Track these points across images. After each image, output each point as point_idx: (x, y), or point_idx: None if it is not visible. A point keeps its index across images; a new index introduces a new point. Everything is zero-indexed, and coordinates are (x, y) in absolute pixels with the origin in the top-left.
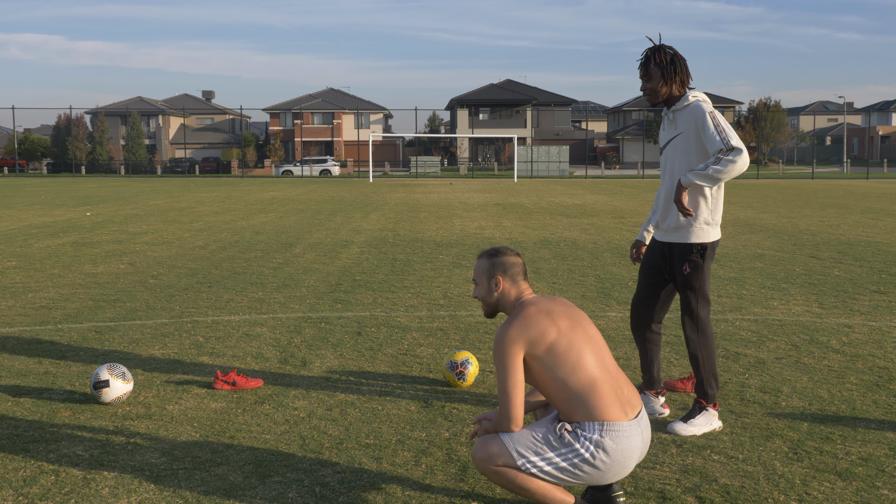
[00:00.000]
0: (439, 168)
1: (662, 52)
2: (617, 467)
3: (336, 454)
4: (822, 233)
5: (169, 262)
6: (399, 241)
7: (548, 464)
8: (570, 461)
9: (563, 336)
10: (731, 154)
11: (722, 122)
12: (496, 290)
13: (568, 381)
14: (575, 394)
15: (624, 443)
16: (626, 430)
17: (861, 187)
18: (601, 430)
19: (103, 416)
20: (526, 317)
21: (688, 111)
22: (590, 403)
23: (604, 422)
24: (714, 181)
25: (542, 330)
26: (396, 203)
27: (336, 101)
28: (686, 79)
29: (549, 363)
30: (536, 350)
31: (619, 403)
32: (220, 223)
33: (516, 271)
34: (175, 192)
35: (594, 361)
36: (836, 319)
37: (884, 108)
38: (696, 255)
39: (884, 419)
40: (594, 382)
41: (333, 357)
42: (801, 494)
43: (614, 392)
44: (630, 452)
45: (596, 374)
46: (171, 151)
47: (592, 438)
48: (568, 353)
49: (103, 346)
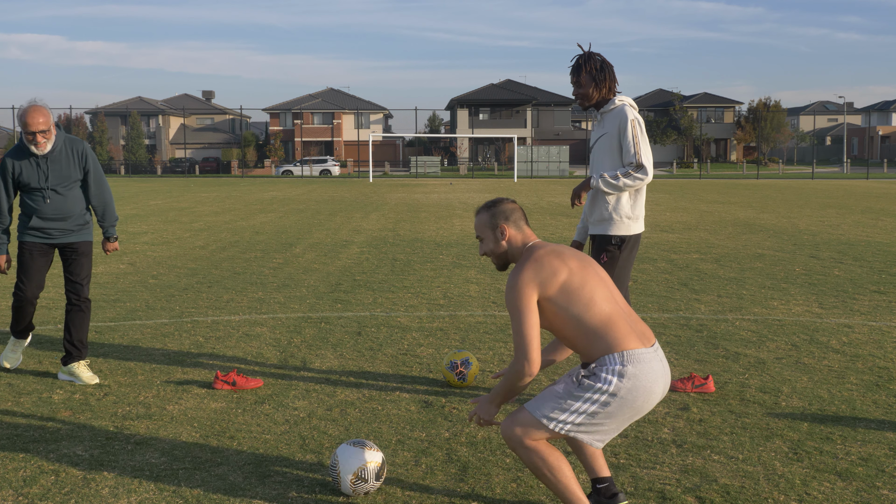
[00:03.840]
0: (439, 168)
1: (593, 60)
2: (643, 395)
3: None
4: (822, 233)
5: (169, 262)
6: (399, 241)
7: (577, 415)
8: (597, 402)
9: (575, 274)
10: (640, 171)
11: (639, 134)
12: (502, 238)
13: (583, 317)
14: (592, 330)
15: (646, 367)
16: (646, 356)
17: (861, 187)
18: (622, 360)
19: (103, 416)
20: (536, 259)
21: (614, 113)
22: (608, 336)
23: (623, 351)
24: (620, 191)
25: (553, 269)
26: (396, 203)
27: (336, 101)
28: (613, 84)
29: (562, 302)
30: (549, 290)
31: (635, 334)
32: (220, 223)
33: (517, 216)
34: (175, 192)
35: (607, 297)
36: (836, 319)
37: (884, 108)
38: (613, 246)
39: (884, 419)
40: (610, 316)
41: (333, 357)
42: (801, 494)
43: (629, 325)
44: (654, 377)
45: (610, 309)
46: (171, 151)
47: (614, 370)
48: (581, 290)
49: (103, 345)
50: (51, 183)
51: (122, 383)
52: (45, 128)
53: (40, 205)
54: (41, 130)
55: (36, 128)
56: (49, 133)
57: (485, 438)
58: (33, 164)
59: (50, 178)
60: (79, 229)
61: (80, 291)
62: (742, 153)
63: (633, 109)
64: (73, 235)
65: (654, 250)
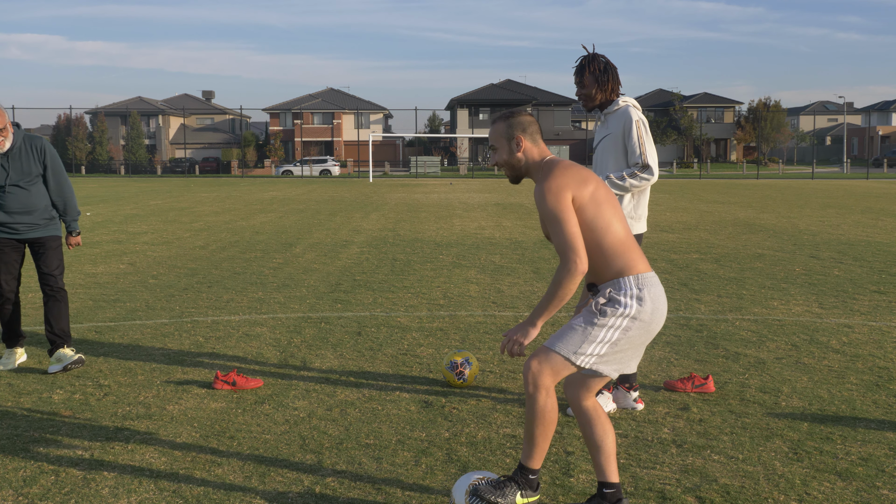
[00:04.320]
0: (439, 168)
1: (597, 61)
2: (657, 316)
3: (336, 454)
4: (822, 233)
5: (169, 262)
6: (399, 241)
7: (602, 345)
8: (620, 328)
9: (600, 189)
10: (646, 172)
11: (644, 135)
12: (518, 150)
13: (605, 234)
14: (610, 248)
15: (656, 290)
16: (654, 279)
17: (861, 187)
18: (637, 284)
19: (103, 416)
20: (564, 166)
21: (618, 114)
22: (624, 258)
23: (638, 275)
24: (626, 191)
25: (584, 177)
26: (396, 203)
27: (336, 101)
28: (616, 86)
29: (590, 213)
30: (583, 193)
31: (642, 259)
32: (220, 223)
33: (534, 129)
34: (175, 192)
35: (622, 220)
36: (836, 319)
37: (884, 108)
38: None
39: (884, 419)
40: (626, 239)
41: (333, 357)
42: (801, 494)
43: (640, 252)
44: (663, 299)
45: (623, 232)
46: (171, 151)
47: (632, 294)
48: (605, 205)
49: (103, 345)
50: (12, 179)
51: (122, 383)
52: (2, 125)
53: (4, 200)
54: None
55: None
56: (6, 131)
57: (485, 438)
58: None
59: (11, 175)
60: (45, 223)
61: (54, 283)
62: (742, 153)
63: (637, 110)
64: (40, 230)
65: (654, 250)
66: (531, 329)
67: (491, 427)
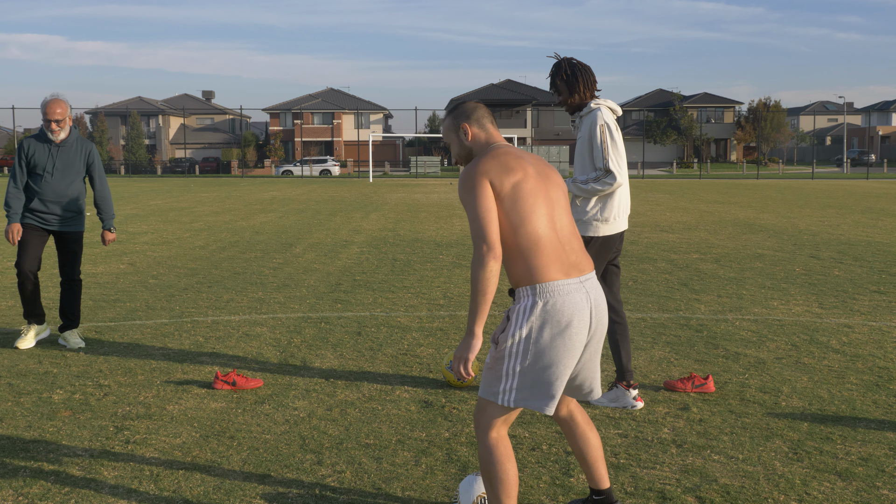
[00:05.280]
0: (439, 168)
1: (564, 67)
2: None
3: (336, 454)
4: (822, 233)
5: (169, 262)
6: (399, 241)
7: (514, 378)
8: (518, 355)
9: (529, 180)
10: (608, 177)
11: (608, 139)
12: (466, 139)
13: (517, 231)
14: (517, 248)
15: (561, 299)
16: (564, 288)
17: (861, 187)
18: (534, 293)
19: (103, 416)
20: (495, 154)
21: (588, 118)
22: (529, 261)
23: (537, 284)
24: (590, 195)
25: (509, 166)
26: (396, 203)
27: (336, 101)
28: (587, 88)
29: (508, 205)
30: (504, 182)
31: (559, 264)
32: (220, 223)
33: (480, 114)
34: (175, 192)
35: (546, 217)
36: (836, 319)
37: (884, 108)
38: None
39: (884, 419)
40: (538, 240)
41: (333, 357)
42: (801, 494)
43: (557, 254)
44: (572, 310)
45: (542, 232)
46: (171, 151)
47: (526, 307)
48: (526, 199)
49: (103, 345)
50: (56, 168)
51: (122, 383)
52: (62, 118)
53: (40, 185)
54: (57, 119)
55: (53, 116)
56: (64, 123)
57: None
58: (46, 149)
59: (56, 164)
60: (72, 218)
61: (71, 273)
62: (742, 153)
63: (609, 113)
64: (66, 224)
65: (654, 250)
66: (472, 340)
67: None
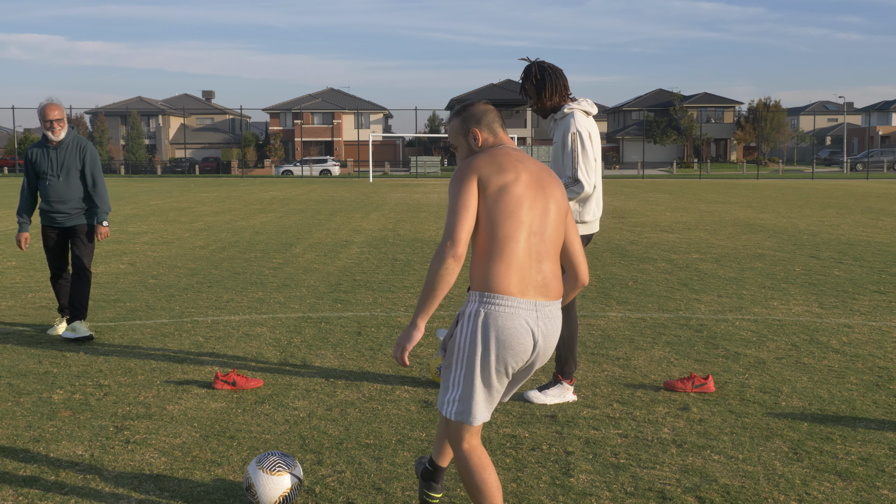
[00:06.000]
0: (439, 168)
1: (533, 71)
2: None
3: (336, 454)
4: (822, 233)
5: (169, 262)
6: (399, 241)
7: (456, 389)
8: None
9: (519, 185)
10: (576, 186)
11: (579, 147)
12: (475, 144)
13: (491, 231)
14: (485, 248)
15: (504, 316)
16: (511, 305)
17: (861, 187)
18: (480, 300)
19: (103, 416)
20: (494, 153)
21: (562, 123)
22: (489, 266)
23: (486, 293)
24: None
25: (502, 167)
26: (396, 203)
27: (336, 101)
28: (557, 92)
29: (491, 202)
30: (491, 182)
31: (518, 278)
32: (220, 223)
33: (491, 119)
34: (175, 192)
35: (523, 228)
36: (836, 319)
37: (884, 108)
38: None
39: (884, 419)
40: (506, 246)
41: (333, 357)
42: (801, 494)
43: (521, 267)
44: (512, 330)
45: (516, 239)
46: (171, 151)
47: (470, 314)
48: (510, 200)
49: (103, 345)
50: (56, 169)
51: (122, 383)
52: (60, 117)
53: (45, 189)
54: (56, 119)
55: (51, 116)
56: (62, 123)
57: (484, 438)
58: (45, 153)
59: (55, 165)
60: (77, 213)
61: (80, 264)
62: (742, 153)
63: (583, 117)
64: (73, 219)
65: (654, 250)
66: (413, 332)
67: (491, 427)
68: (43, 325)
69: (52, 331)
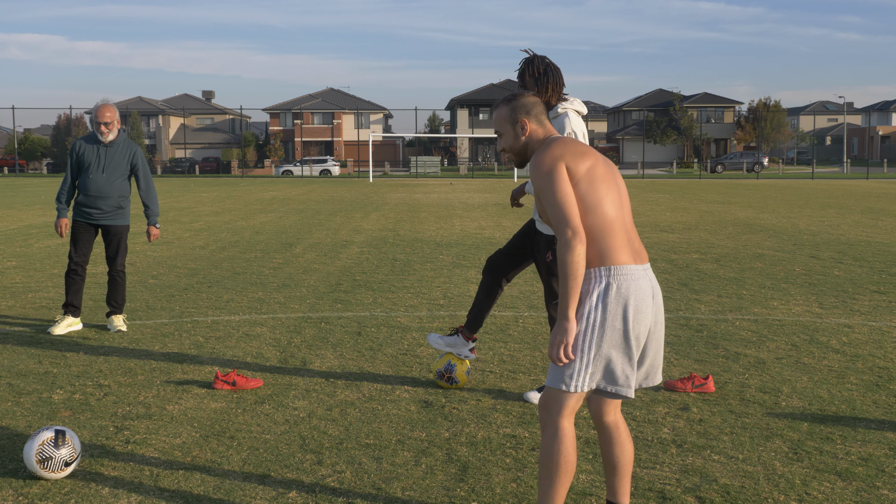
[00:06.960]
0: (439, 168)
1: (535, 64)
2: (637, 319)
3: (336, 454)
4: (822, 233)
5: (169, 262)
6: (399, 241)
7: (585, 365)
8: (595, 338)
9: (600, 165)
10: None
11: None
12: (523, 134)
13: (590, 214)
14: (590, 230)
15: (633, 284)
16: (635, 273)
17: (861, 187)
18: (608, 275)
19: (103, 416)
20: (564, 141)
21: (555, 122)
22: (602, 244)
23: (610, 266)
24: None
25: (581, 151)
26: (396, 203)
27: (336, 101)
28: (556, 89)
29: (584, 188)
30: (579, 167)
31: (629, 249)
32: (220, 223)
33: (539, 110)
34: (175, 192)
35: (615, 202)
36: (836, 319)
37: (884, 108)
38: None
39: (884, 419)
40: (612, 223)
41: (333, 357)
42: (801, 494)
43: (627, 238)
44: (641, 294)
45: (614, 215)
46: (171, 151)
47: (599, 289)
48: (600, 182)
49: (103, 345)
50: (103, 166)
51: (122, 383)
52: (111, 120)
53: (86, 182)
54: (106, 122)
55: (102, 119)
56: (113, 125)
57: (485, 438)
58: (94, 149)
59: (102, 162)
60: (114, 212)
61: (114, 265)
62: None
63: (576, 117)
64: (109, 219)
65: (654, 250)
66: (568, 325)
67: (491, 427)
68: (43, 325)
69: (55, 329)
